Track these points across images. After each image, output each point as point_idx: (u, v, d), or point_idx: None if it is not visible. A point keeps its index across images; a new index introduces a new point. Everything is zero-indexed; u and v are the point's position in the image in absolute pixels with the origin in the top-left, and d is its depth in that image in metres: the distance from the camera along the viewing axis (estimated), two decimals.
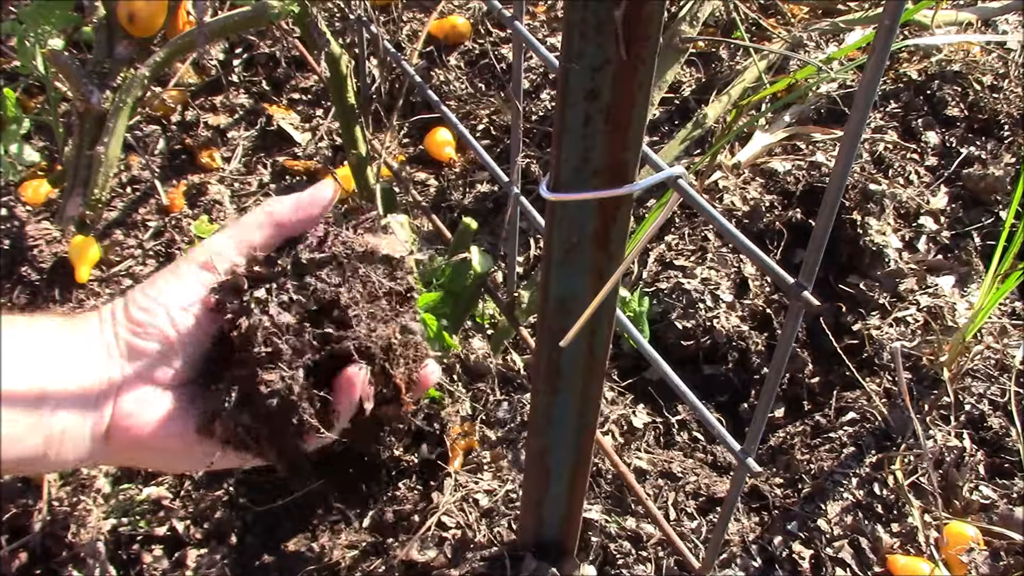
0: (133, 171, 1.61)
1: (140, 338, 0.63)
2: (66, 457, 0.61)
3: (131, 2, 1.16)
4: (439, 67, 1.73)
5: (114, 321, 0.64)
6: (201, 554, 1.11)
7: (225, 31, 1.13)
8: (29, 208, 1.52)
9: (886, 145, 1.56)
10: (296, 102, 1.74)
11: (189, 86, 1.72)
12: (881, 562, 1.05)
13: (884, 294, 1.35)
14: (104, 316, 0.65)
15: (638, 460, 1.16)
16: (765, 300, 1.38)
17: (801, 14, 1.83)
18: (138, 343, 0.63)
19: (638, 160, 0.61)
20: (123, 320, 0.64)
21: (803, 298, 0.54)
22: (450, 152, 1.61)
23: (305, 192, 0.71)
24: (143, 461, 0.68)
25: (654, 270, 1.41)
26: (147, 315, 0.64)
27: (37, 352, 0.60)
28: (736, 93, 1.48)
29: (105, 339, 0.63)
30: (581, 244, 0.66)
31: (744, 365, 1.32)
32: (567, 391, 0.78)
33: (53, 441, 0.59)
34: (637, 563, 1.02)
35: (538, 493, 0.90)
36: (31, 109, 1.64)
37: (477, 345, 1.25)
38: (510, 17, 0.79)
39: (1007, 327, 1.30)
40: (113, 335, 0.64)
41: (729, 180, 1.50)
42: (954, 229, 1.46)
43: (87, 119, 1.18)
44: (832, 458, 1.16)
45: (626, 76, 0.55)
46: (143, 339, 0.63)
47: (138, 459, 0.66)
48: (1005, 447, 1.16)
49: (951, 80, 1.66)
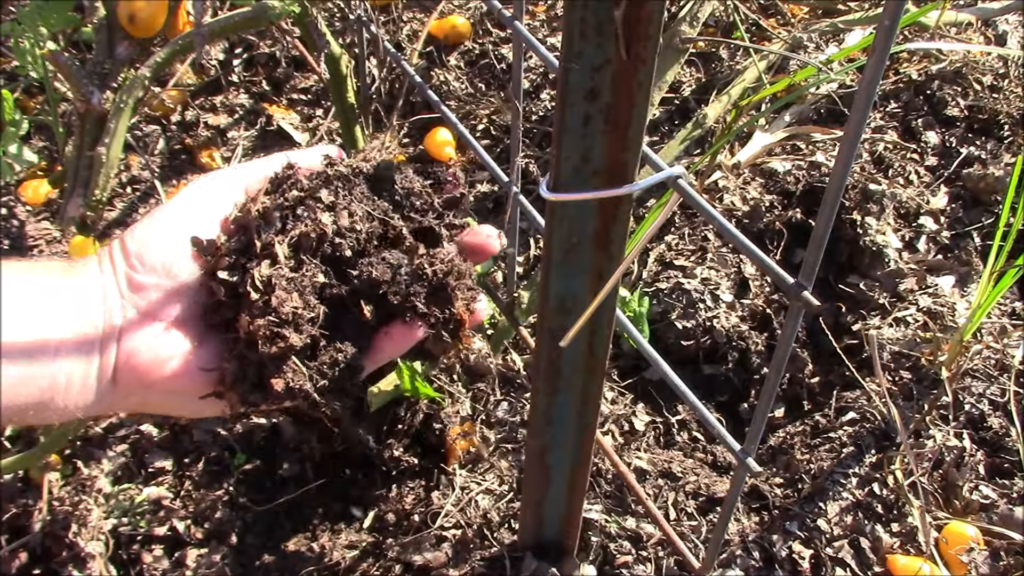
0: (133, 171, 1.61)
1: (139, 273, 0.61)
2: (73, 403, 0.59)
3: (132, 2, 1.16)
4: (439, 67, 1.73)
5: (112, 259, 0.62)
6: (201, 554, 1.11)
7: (225, 32, 1.13)
8: (29, 208, 1.52)
9: (886, 145, 1.56)
10: (296, 102, 1.74)
11: (189, 86, 1.72)
12: (881, 562, 1.05)
13: (884, 294, 1.35)
14: (102, 256, 0.62)
15: (638, 460, 1.16)
16: (765, 300, 1.38)
17: (801, 14, 1.83)
18: (137, 277, 0.61)
19: (638, 160, 0.61)
20: (120, 256, 0.62)
21: (803, 298, 0.54)
22: (450, 152, 1.61)
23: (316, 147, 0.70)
24: (153, 404, 0.65)
25: (654, 270, 1.41)
26: (145, 248, 0.61)
27: (34, 298, 0.58)
28: (736, 93, 1.49)
29: (104, 279, 0.61)
30: (581, 244, 0.66)
31: (744, 365, 1.32)
32: (567, 391, 0.78)
33: (58, 388, 0.57)
34: (637, 563, 1.02)
35: (538, 493, 0.90)
36: (31, 109, 1.64)
37: (477, 345, 1.25)
38: (510, 17, 0.79)
39: (1007, 327, 1.30)
40: (112, 273, 0.61)
41: (729, 180, 1.50)
42: (954, 229, 1.46)
43: (87, 120, 1.18)
44: (832, 458, 1.16)
45: (626, 76, 0.55)
46: (143, 273, 0.61)
47: (148, 402, 0.64)
48: (1005, 447, 1.16)
49: (951, 80, 1.66)
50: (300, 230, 0.63)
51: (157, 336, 0.60)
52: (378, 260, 0.65)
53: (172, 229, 0.63)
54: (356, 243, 0.65)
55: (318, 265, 0.63)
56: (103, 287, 0.60)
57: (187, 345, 0.61)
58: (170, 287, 0.61)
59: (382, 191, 0.69)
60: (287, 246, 0.62)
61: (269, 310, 0.60)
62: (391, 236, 0.67)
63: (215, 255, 0.62)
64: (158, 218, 0.63)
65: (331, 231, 0.63)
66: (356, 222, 0.65)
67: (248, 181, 0.67)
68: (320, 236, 0.63)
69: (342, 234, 0.64)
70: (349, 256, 0.64)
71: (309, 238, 0.63)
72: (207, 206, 0.65)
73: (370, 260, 0.65)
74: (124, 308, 0.60)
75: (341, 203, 0.65)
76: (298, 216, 0.64)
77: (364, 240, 0.65)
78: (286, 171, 0.67)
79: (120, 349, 0.60)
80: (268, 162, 0.69)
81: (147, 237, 0.62)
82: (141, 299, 0.61)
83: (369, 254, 0.65)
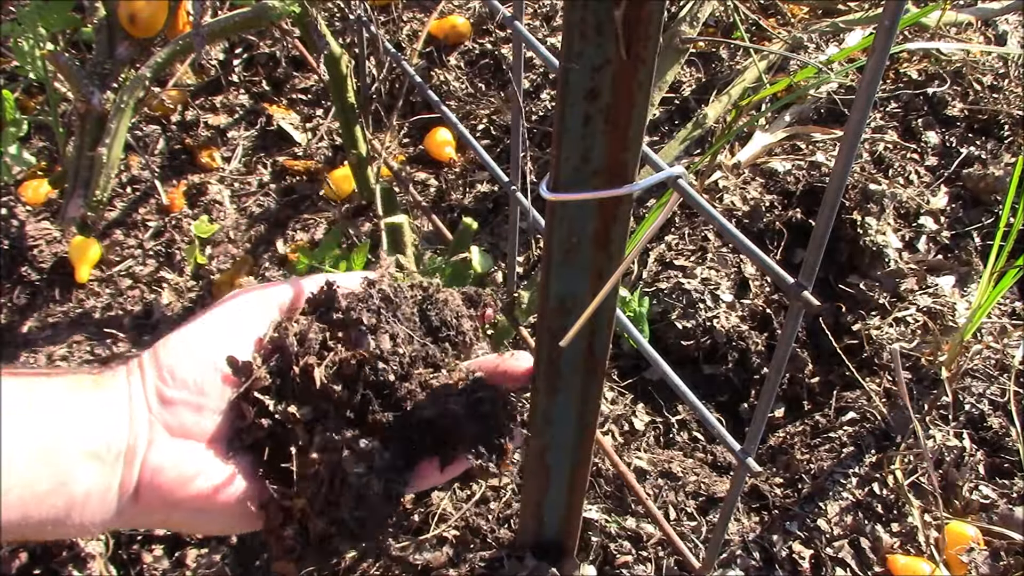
0: (133, 171, 1.61)
1: (170, 388, 0.59)
2: (91, 520, 0.56)
3: (132, 3, 1.16)
4: (439, 67, 1.73)
5: (142, 370, 0.60)
6: (201, 554, 1.11)
7: (225, 32, 1.13)
8: (29, 208, 1.52)
9: (886, 145, 1.56)
10: (296, 102, 1.74)
11: (189, 86, 1.72)
12: (881, 562, 1.05)
13: (884, 294, 1.35)
14: (132, 367, 0.60)
15: (638, 460, 1.16)
16: (765, 300, 1.38)
17: (801, 14, 1.83)
18: (168, 392, 0.59)
19: (638, 160, 0.61)
20: (152, 367, 0.60)
21: (803, 298, 0.54)
22: (450, 152, 1.61)
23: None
24: (177, 522, 0.61)
25: (654, 270, 1.41)
26: (178, 362, 0.59)
27: (55, 409, 0.55)
28: (736, 93, 1.49)
29: (133, 390, 0.59)
30: (581, 244, 0.66)
31: (744, 365, 1.32)
32: (567, 391, 0.78)
33: (76, 504, 0.55)
34: (637, 563, 1.02)
35: (538, 493, 0.90)
36: (31, 109, 1.64)
37: (477, 345, 1.25)
38: (510, 17, 0.79)
39: (1007, 327, 1.30)
40: (141, 384, 0.59)
41: (729, 180, 1.50)
42: (954, 229, 1.46)
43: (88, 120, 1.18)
44: (832, 458, 1.16)
45: (626, 76, 0.55)
46: (174, 388, 0.59)
47: (171, 520, 0.61)
48: (1005, 447, 1.16)
49: (951, 80, 1.66)
50: (341, 356, 0.60)
51: (184, 454, 0.59)
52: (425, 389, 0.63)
53: (206, 345, 0.61)
54: (400, 367, 0.62)
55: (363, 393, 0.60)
56: (130, 399, 0.59)
57: (215, 465, 0.60)
58: (200, 404, 0.60)
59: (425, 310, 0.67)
60: (326, 370, 0.60)
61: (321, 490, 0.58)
62: (432, 359, 0.65)
63: (249, 376, 0.61)
64: (193, 332, 0.62)
65: (372, 357, 0.61)
66: (399, 345, 0.62)
67: (282, 299, 0.66)
68: (361, 361, 0.61)
69: (384, 359, 0.61)
70: (393, 380, 0.61)
71: (350, 364, 0.60)
72: (242, 323, 0.63)
73: (417, 389, 0.63)
74: (151, 423, 0.58)
75: (384, 326, 0.63)
76: (339, 339, 0.61)
77: (408, 364, 0.62)
78: (325, 291, 0.65)
79: (145, 466, 0.58)
80: (306, 281, 0.68)
81: (180, 351, 0.61)
82: (170, 415, 0.59)
83: (412, 378, 0.63)
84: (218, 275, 1.45)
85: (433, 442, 0.65)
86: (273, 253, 1.49)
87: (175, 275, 1.47)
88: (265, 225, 1.54)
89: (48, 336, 1.38)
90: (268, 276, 1.45)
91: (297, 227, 1.53)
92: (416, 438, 0.64)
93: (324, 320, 0.63)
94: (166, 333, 0.63)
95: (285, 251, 1.49)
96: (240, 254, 1.50)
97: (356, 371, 0.60)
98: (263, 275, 1.45)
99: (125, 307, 1.43)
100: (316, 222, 1.54)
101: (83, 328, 1.40)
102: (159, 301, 1.43)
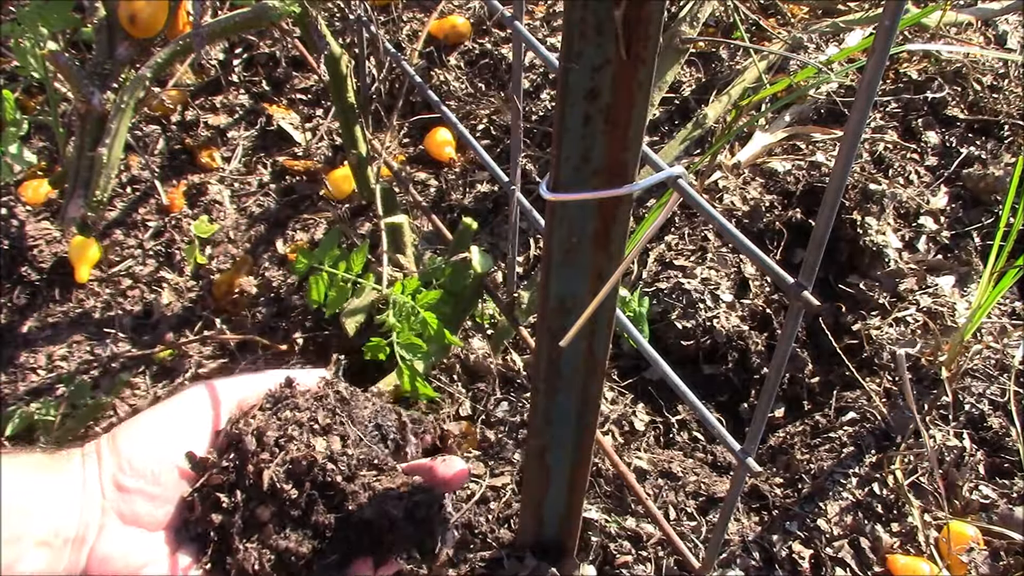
0: (133, 171, 1.61)
1: (126, 476, 0.60)
2: None
3: (132, 3, 1.16)
4: (439, 67, 1.73)
5: (99, 456, 0.60)
6: None
7: (225, 32, 1.13)
8: (29, 208, 1.52)
9: (886, 145, 1.56)
10: (296, 102, 1.74)
11: (189, 86, 1.72)
12: (881, 562, 1.05)
13: (884, 294, 1.35)
14: (88, 450, 0.61)
15: (638, 460, 1.16)
16: (765, 300, 1.38)
17: (801, 14, 1.83)
18: (124, 480, 0.60)
19: (638, 160, 0.61)
20: (109, 454, 0.60)
21: (803, 298, 0.54)
22: (450, 152, 1.61)
23: None
24: None
25: (654, 270, 1.41)
26: (135, 451, 0.60)
27: (6, 493, 0.55)
28: (736, 93, 1.49)
29: (87, 475, 0.59)
30: (581, 244, 0.66)
31: (744, 365, 1.32)
32: (567, 391, 0.78)
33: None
34: (637, 563, 1.02)
35: (538, 493, 0.90)
36: (31, 109, 1.64)
37: (477, 345, 1.25)
38: (510, 17, 0.79)
39: (1007, 327, 1.30)
40: (97, 470, 0.60)
41: (729, 180, 1.50)
42: (954, 229, 1.46)
43: (88, 120, 1.18)
44: (832, 458, 1.16)
45: (626, 76, 0.55)
46: (130, 476, 0.60)
47: None
48: (1005, 447, 1.16)
49: (951, 80, 1.66)
50: (292, 455, 0.63)
51: (134, 543, 0.60)
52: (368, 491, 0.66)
53: (164, 436, 0.63)
54: (347, 468, 0.65)
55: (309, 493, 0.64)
56: (84, 484, 0.59)
57: (163, 556, 0.61)
58: (155, 494, 0.61)
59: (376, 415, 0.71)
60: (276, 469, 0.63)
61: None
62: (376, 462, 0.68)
63: (205, 472, 0.63)
64: (151, 421, 0.63)
65: (322, 457, 0.64)
66: (348, 447, 0.66)
67: (243, 394, 0.68)
68: (311, 463, 0.64)
69: (334, 460, 0.65)
70: (339, 481, 0.65)
71: (300, 464, 0.64)
72: (201, 416, 0.65)
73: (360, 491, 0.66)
74: (104, 510, 0.59)
75: (336, 428, 0.66)
76: (291, 438, 0.64)
77: (355, 466, 0.66)
78: (283, 388, 0.68)
79: (93, 555, 0.58)
80: (265, 377, 0.69)
81: (140, 441, 0.62)
82: (124, 503, 0.60)
83: (357, 479, 0.66)
84: (218, 275, 1.45)
85: (370, 542, 0.67)
86: (273, 253, 1.49)
87: (175, 275, 1.47)
88: (265, 225, 1.54)
89: (48, 336, 1.38)
90: (268, 276, 1.45)
91: (297, 227, 1.53)
92: (354, 538, 0.66)
93: (280, 417, 0.66)
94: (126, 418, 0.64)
95: (285, 251, 1.49)
96: (240, 254, 1.50)
97: (306, 470, 0.64)
98: (263, 275, 1.45)
99: (125, 307, 1.43)
100: (316, 222, 1.54)
101: (83, 328, 1.40)
102: (159, 301, 1.43)
